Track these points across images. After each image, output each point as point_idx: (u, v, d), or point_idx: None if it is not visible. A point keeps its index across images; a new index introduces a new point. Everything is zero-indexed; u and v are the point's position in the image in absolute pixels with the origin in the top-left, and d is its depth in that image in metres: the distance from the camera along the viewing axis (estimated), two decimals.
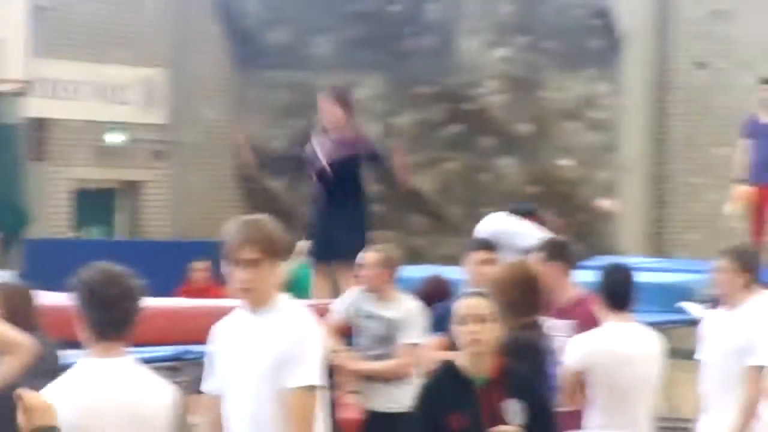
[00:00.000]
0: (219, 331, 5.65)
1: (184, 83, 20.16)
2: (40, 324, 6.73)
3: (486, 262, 8.70)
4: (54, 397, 4.67)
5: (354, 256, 10.28)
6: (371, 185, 12.21)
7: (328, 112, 11.59)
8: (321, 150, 11.52)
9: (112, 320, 4.93)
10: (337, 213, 11.52)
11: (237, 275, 5.43)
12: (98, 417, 4.82)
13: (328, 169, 11.45)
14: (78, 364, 5.03)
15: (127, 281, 4.97)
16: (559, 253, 8.28)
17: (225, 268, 5.51)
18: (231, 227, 5.49)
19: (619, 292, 7.70)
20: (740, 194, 15.00)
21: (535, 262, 8.02)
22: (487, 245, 9.09)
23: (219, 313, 5.77)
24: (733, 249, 8.35)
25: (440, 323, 8.50)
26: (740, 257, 8.15)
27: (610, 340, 7.61)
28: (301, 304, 5.82)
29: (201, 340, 5.88)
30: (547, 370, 7.01)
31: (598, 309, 7.73)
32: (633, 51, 19.45)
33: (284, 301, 5.58)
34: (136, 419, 4.89)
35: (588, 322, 7.74)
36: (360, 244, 10.70)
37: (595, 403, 7.59)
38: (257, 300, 5.47)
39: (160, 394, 5.05)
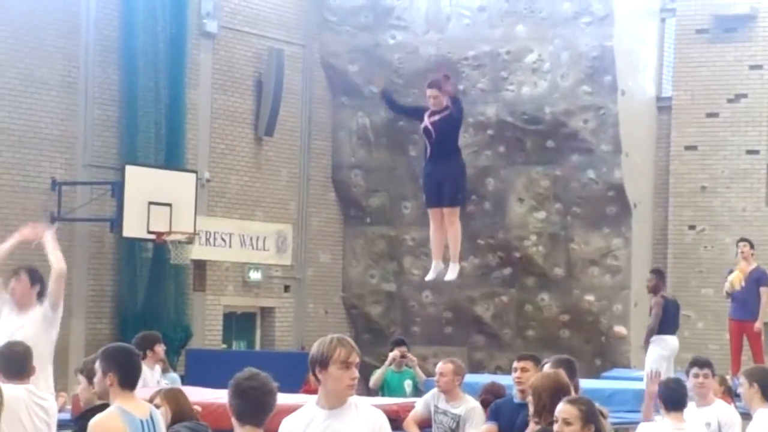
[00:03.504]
0: (293, 425, 5.18)
1: (306, 235, 20.27)
2: (198, 415, 6.68)
3: (524, 369, 8.05)
4: None
5: (456, 200, 10.24)
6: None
7: (432, 99, 10.54)
8: (428, 118, 10.50)
9: (250, 409, 4.82)
10: (441, 167, 10.49)
11: (350, 374, 5.09)
12: None
13: (430, 127, 10.42)
14: None
15: (264, 380, 4.87)
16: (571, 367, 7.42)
17: (325, 372, 5.13)
18: (334, 342, 5.17)
19: (672, 397, 7.26)
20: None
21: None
22: (527, 357, 8.35)
23: None
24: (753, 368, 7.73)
25: (494, 415, 8.34)
26: (750, 375, 7.41)
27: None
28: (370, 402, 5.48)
29: None
30: None
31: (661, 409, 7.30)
32: (639, 215, 19.35)
33: (355, 398, 5.26)
34: None
35: None
36: (461, 190, 10.46)
37: None
38: (352, 393, 5.15)
39: None
